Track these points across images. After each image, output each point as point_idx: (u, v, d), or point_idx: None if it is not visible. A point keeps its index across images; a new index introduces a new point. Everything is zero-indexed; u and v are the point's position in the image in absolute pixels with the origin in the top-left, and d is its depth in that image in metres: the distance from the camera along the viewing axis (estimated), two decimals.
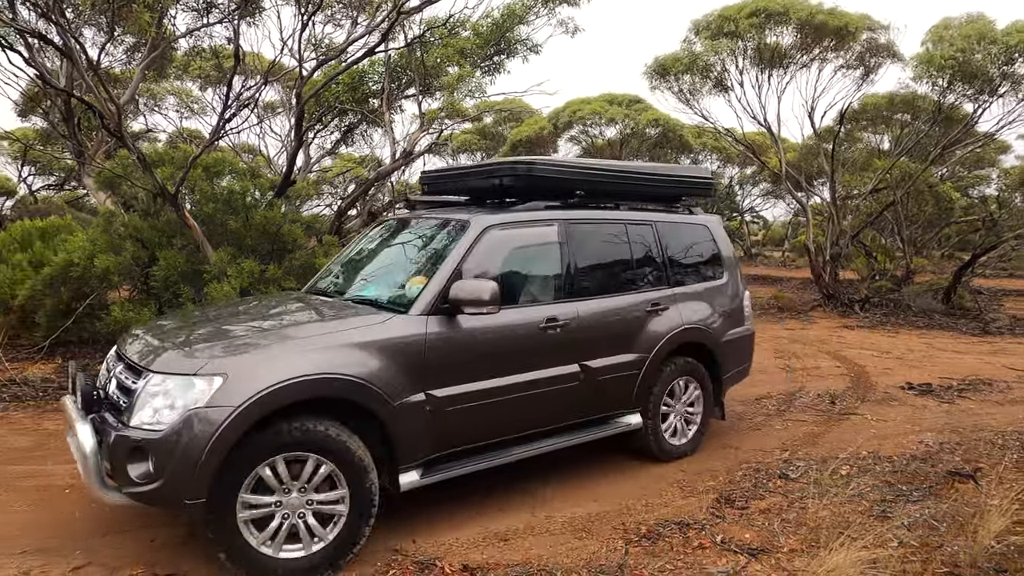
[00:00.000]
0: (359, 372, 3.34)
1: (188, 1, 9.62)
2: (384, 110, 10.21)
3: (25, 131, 19.73)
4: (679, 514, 3.95)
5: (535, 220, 4.42)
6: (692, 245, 5.27)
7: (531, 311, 4.14)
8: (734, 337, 5.32)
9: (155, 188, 7.11)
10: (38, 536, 3.59)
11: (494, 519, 3.89)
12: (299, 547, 3.19)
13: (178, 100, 19.01)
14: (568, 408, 4.33)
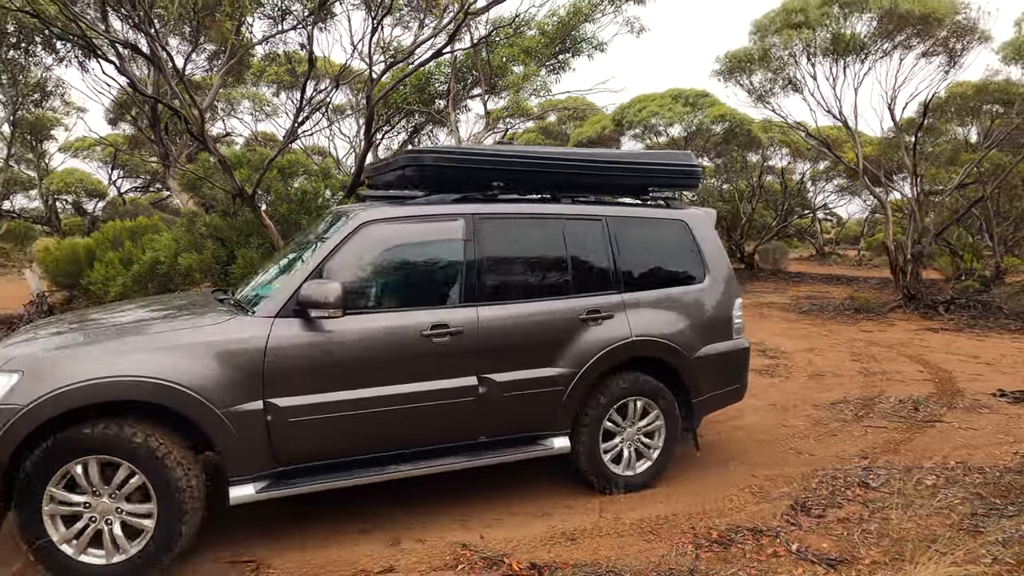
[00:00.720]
0: (173, 376, 3.13)
1: (264, 9, 10.01)
2: (450, 110, 10.33)
3: (115, 137, 20.99)
4: (752, 520, 3.84)
5: (432, 215, 3.96)
6: (660, 244, 4.56)
7: (411, 316, 3.71)
8: (714, 353, 4.49)
9: (234, 189, 7.41)
10: None
11: (561, 518, 3.88)
12: (101, 554, 3.06)
13: (253, 104, 19.82)
14: (465, 426, 3.85)
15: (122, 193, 26.28)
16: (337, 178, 9.29)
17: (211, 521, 3.74)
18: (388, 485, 4.11)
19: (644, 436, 4.33)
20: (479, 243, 3.94)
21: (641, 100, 17.06)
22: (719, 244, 4.75)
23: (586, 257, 4.27)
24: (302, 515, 3.85)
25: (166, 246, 7.96)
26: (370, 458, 3.66)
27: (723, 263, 4.71)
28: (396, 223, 3.89)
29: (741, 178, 20.45)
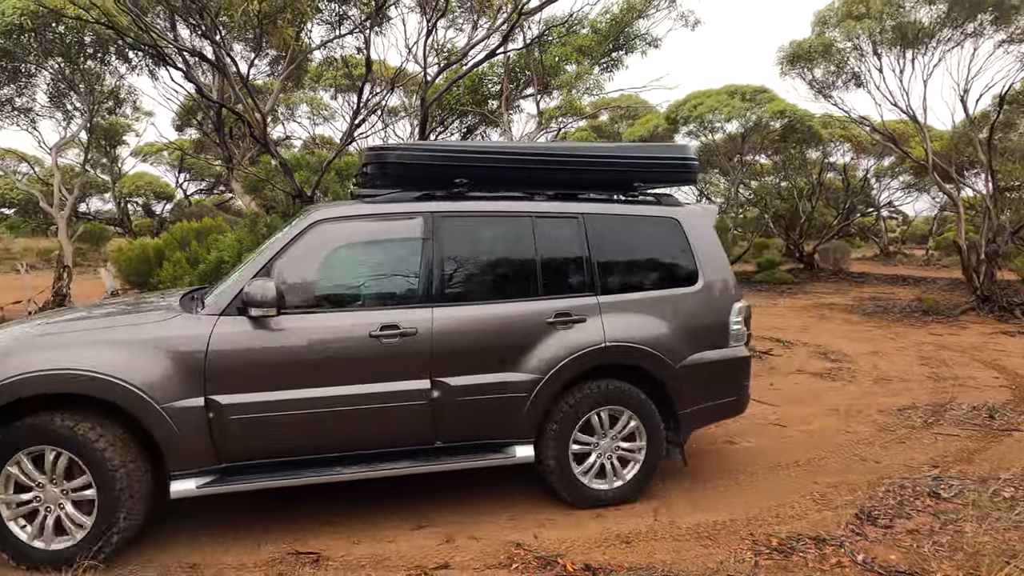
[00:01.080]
0: (109, 370, 3.20)
1: (323, 15, 10.27)
2: (502, 110, 10.38)
3: (182, 141, 21.88)
4: (814, 528, 3.72)
5: (389, 214, 3.87)
6: (647, 243, 4.25)
7: (361, 316, 3.65)
8: (704, 361, 4.14)
9: (294, 191, 7.64)
10: None
11: (615, 520, 3.84)
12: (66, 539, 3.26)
13: (311, 108, 20.37)
14: (419, 430, 3.72)
15: (188, 195, 27.40)
16: None
17: (275, 512, 3.86)
18: (438, 482, 4.17)
19: (623, 449, 4.04)
20: (438, 242, 3.83)
21: (696, 97, 16.76)
22: (716, 244, 4.37)
23: (558, 257, 4.03)
24: (358, 509, 3.93)
25: (230, 246, 8.26)
26: (319, 458, 3.62)
27: (720, 264, 4.32)
28: (350, 221, 3.84)
29: (800, 175, 19.86)
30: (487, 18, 9.32)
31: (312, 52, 11.28)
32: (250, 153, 11.82)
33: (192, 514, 3.81)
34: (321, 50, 11.57)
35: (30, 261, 21.45)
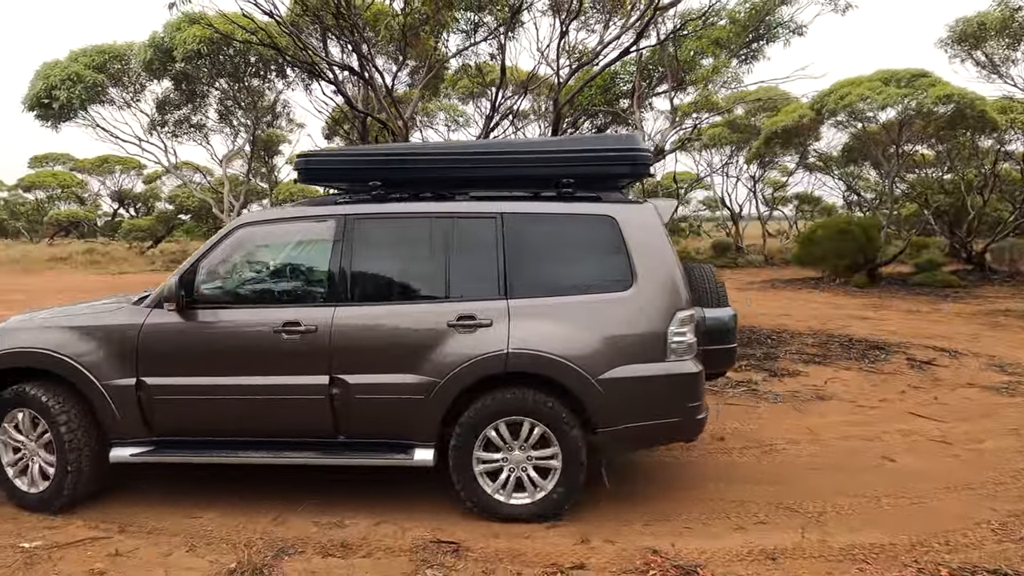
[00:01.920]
0: (65, 351, 3.88)
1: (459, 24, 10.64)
2: (634, 109, 10.22)
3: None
4: (992, 560, 3.33)
5: (305, 216, 4.14)
6: (572, 243, 3.91)
7: (267, 313, 3.91)
8: (633, 376, 3.71)
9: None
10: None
11: (757, 533, 3.66)
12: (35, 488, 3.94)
13: (447, 115, 21.18)
14: (317, 423, 3.86)
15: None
16: None
17: (419, 497, 4.05)
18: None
19: (536, 462, 3.79)
20: (347, 244, 3.91)
21: (844, 85, 15.57)
22: (661, 245, 3.88)
23: (469, 258, 3.89)
24: None
25: None
26: (235, 440, 3.96)
27: (661, 268, 3.83)
28: (268, 225, 4.21)
29: (969, 166, 17.85)
30: (620, 16, 9.23)
31: (448, 61, 11.71)
32: None
33: (345, 494, 4.09)
34: (457, 58, 11.99)
35: None
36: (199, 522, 3.84)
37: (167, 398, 3.92)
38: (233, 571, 3.23)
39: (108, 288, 17.29)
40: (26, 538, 3.60)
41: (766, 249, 25.33)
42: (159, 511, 3.99)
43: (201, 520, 3.86)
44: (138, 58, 11.10)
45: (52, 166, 37.93)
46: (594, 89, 10.14)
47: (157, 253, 28.80)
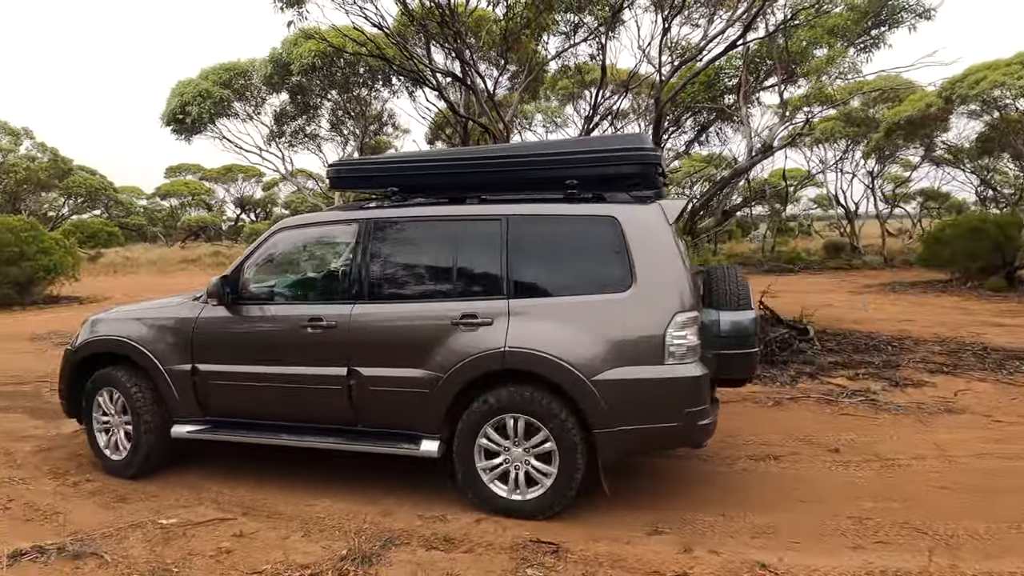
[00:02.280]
0: (137, 339, 4.53)
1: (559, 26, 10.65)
2: (740, 104, 9.83)
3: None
4: None
5: (332, 220, 4.56)
6: (574, 244, 3.92)
7: (296, 308, 4.30)
8: (629, 379, 3.66)
9: None
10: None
11: (878, 553, 3.42)
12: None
13: (545, 117, 21.26)
14: (337, 411, 4.16)
15: None
16: None
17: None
18: (671, 487, 4.08)
19: (536, 460, 3.84)
20: (367, 246, 4.20)
21: (978, 70, 14.27)
22: (665, 245, 3.79)
23: (475, 259, 4.05)
24: (595, 506, 4.00)
25: None
26: (268, 424, 4.37)
27: (661, 268, 3.77)
28: (302, 229, 4.58)
29: None
30: (726, 9, 8.91)
31: (548, 63, 11.76)
32: None
33: (447, 490, 4.20)
34: (556, 60, 12.01)
35: None
36: (313, 509, 4.06)
37: (216, 383, 4.41)
38: (344, 557, 3.39)
39: None
40: (164, 515, 3.95)
41: (886, 250, 23.62)
42: (277, 497, 4.26)
43: (315, 508, 4.09)
44: (259, 73, 11.92)
45: (184, 176, 41.48)
46: (697, 86, 9.85)
47: None
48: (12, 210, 25.59)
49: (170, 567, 3.32)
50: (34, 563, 3.35)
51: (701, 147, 14.65)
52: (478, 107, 9.87)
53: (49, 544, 3.52)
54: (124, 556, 3.43)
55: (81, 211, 32.56)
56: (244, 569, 3.32)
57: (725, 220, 10.00)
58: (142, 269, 25.69)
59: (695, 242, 8.77)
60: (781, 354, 7.50)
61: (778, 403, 6.21)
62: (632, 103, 17.83)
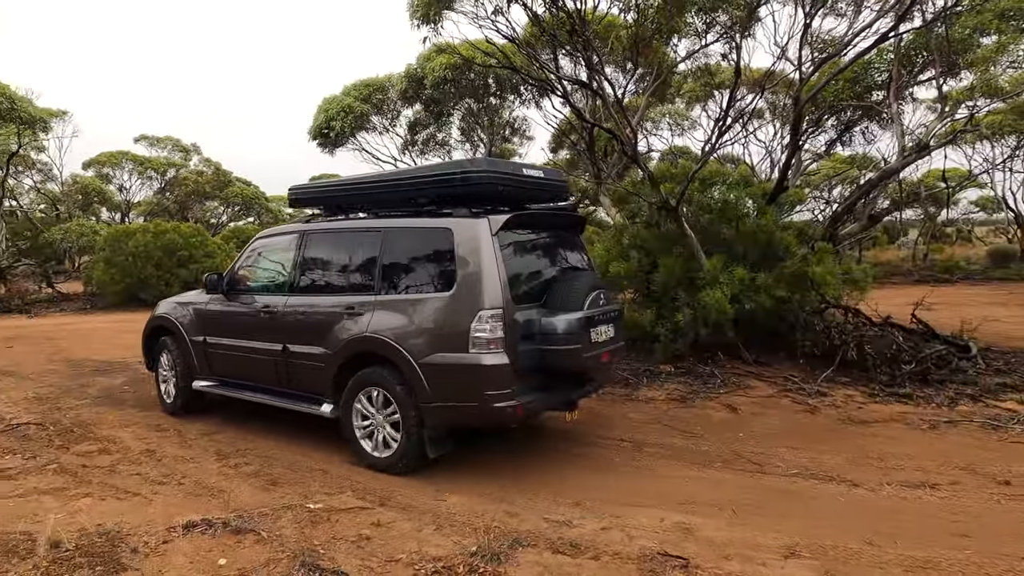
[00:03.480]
0: (174, 317, 6.43)
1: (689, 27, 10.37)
2: (890, 101, 9.08)
3: (554, 161, 24.42)
4: None
5: (285, 231, 5.99)
6: (422, 251, 4.85)
7: (258, 299, 5.76)
8: (442, 363, 4.46)
9: (659, 202, 7.87)
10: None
11: None
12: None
13: (671, 120, 20.77)
14: (276, 376, 5.52)
15: None
16: (759, 185, 9.05)
17: (643, 508, 4.02)
18: (808, 504, 3.83)
19: (390, 427, 4.77)
20: (301, 252, 5.57)
21: None
22: (480, 252, 4.50)
23: (362, 262, 5.16)
24: (727, 521, 3.86)
25: (599, 255, 8.89)
26: (250, 384, 5.81)
27: (475, 272, 4.48)
28: (272, 238, 6.08)
29: None
30: None
31: (677, 65, 11.49)
32: (617, 168, 12.59)
33: (572, 496, 4.21)
34: (686, 62, 11.71)
35: None
36: (444, 504, 4.23)
37: (215, 351, 6.05)
38: (474, 553, 3.50)
39: None
40: (311, 500, 4.26)
41: None
42: (410, 490, 4.47)
43: (446, 503, 4.25)
44: (395, 88, 12.58)
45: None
46: (841, 82, 9.21)
47: None
48: (181, 218, 28.68)
49: (317, 548, 3.58)
50: (203, 534, 3.73)
51: (844, 147, 13.67)
52: (605, 113, 9.82)
53: (216, 518, 3.91)
54: (277, 535, 3.74)
55: (237, 218, 35.84)
56: (382, 556, 3.51)
57: (871, 226, 9.28)
58: None
59: (837, 249, 8.19)
60: (938, 372, 6.83)
61: (934, 426, 5.67)
62: (767, 103, 17.02)
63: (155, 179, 30.56)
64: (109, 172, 30.11)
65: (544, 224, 5.31)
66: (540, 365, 4.66)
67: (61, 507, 4.13)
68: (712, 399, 6.59)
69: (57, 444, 5.51)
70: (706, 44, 10.18)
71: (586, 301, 4.80)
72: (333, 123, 12.69)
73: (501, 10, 7.31)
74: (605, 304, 5.05)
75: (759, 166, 20.95)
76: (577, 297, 4.80)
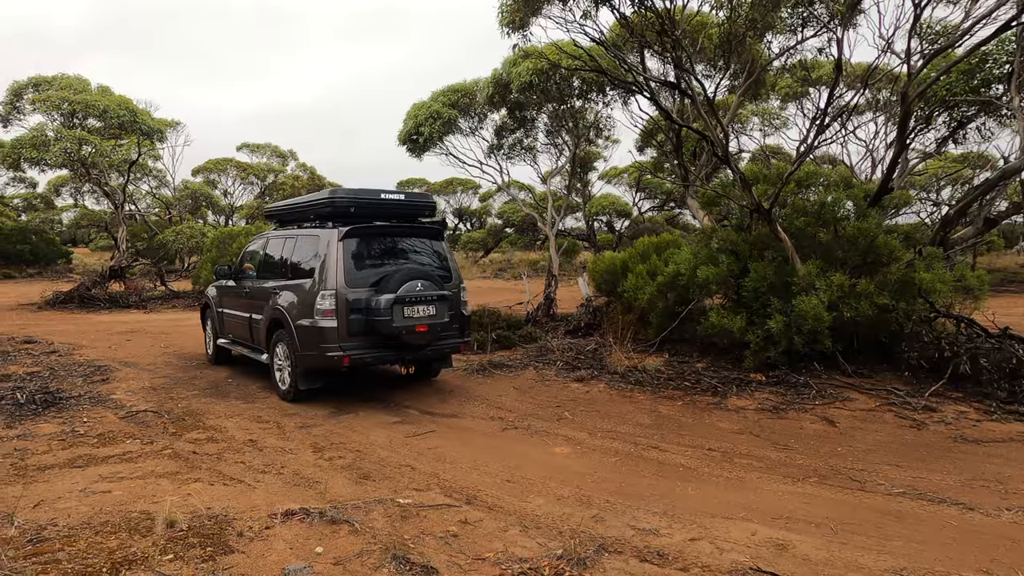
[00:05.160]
0: (211, 296, 9.33)
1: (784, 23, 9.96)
2: (1012, 95, 8.38)
3: (639, 163, 24.05)
4: None
5: (261, 236, 8.80)
6: (307, 251, 7.18)
7: (245, 283, 8.29)
8: (303, 325, 6.75)
9: (751, 204, 7.61)
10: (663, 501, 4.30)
11: None
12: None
13: (762, 119, 20.02)
14: (251, 335, 7.97)
15: (642, 212, 30.00)
16: (860, 186, 8.58)
17: (733, 520, 3.89)
18: (921, 530, 3.59)
19: (288, 369, 7.05)
20: (263, 251, 8.27)
21: None
22: (332, 253, 6.71)
23: (283, 258, 7.66)
24: (824, 540, 3.67)
25: (686, 260, 8.69)
26: (249, 344, 8.20)
27: (325, 266, 6.72)
28: (256, 241, 8.78)
29: None
30: None
31: (771, 63, 11.06)
32: (705, 170, 12.27)
33: (658, 504, 4.13)
34: (780, 59, 11.25)
35: (523, 270, 26.46)
36: (529, 506, 4.25)
37: (226, 319, 8.76)
38: (560, 557, 3.50)
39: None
40: (401, 495, 4.40)
41: None
42: (495, 490, 4.52)
43: (531, 505, 4.27)
44: (482, 93, 12.75)
45: (412, 189, 45.92)
46: (955, 76, 8.58)
47: (487, 262, 32.65)
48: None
49: (407, 542, 3.68)
50: (301, 522, 3.92)
51: (956, 146, 12.74)
52: (694, 113, 9.59)
53: (313, 508, 4.10)
54: (370, 527, 3.87)
55: None
56: (469, 554, 3.57)
57: (988, 230, 8.59)
58: None
59: (947, 255, 7.63)
60: None
61: None
62: (868, 100, 16.12)
63: (256, 184, 32.38)
64: (215, 178, 32.16)
65: (398, 233, 7.28)
66: (368, 330, 6.64)
67: (175, 490, 4.45)
68: (807, 411, 6.30)
69: (171, 431, 5.93)
70: (802, 39, 9.75)
71: (400, 287, 6.63)
72: (422, 128, 13.01)
73: (589, 13, 7.28)
74: (422, 291, 6.76)
75: (858, 166, 19.88)
76: (394, 284, 6.64)
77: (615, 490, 4.56)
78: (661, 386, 7.33)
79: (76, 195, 30.20)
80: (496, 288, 21.23)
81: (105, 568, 3.31)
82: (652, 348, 8.91)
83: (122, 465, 4.97)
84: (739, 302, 8.21)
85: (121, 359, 9.46)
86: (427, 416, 6.59)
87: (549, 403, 7.04)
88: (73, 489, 4.43)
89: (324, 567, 3.39)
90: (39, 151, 17.02)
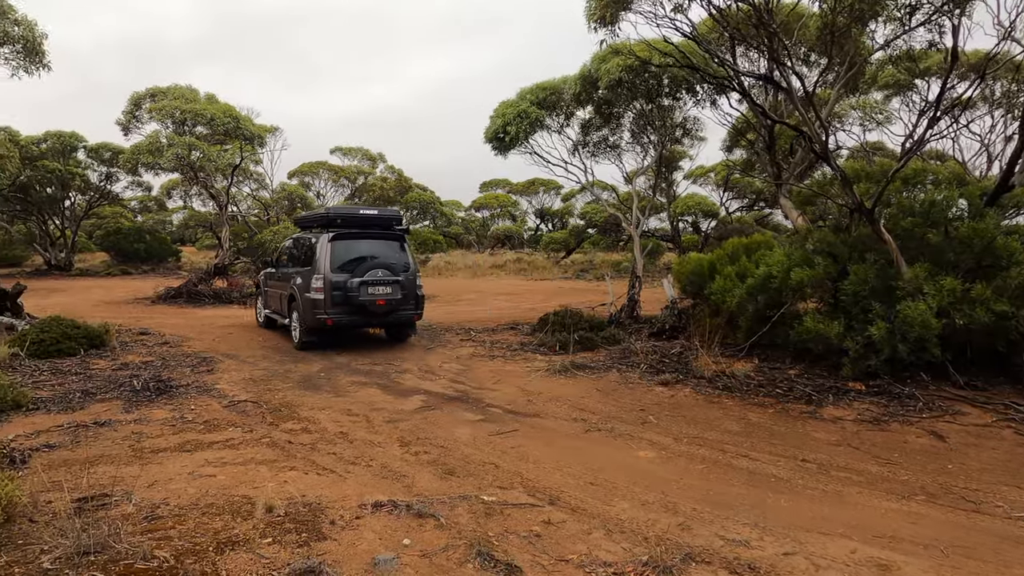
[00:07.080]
0: (259, 280, 13.42)
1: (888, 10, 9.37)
2: None
3: (726, 162, 23.29)
4: None
5: (291, 237, 12.51)
6: (310, 249, 10.57)
7: (281, 270, 11.61)
8: (306, 296, 10.00)
9: (851, 203, 7.21)
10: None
11: None
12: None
13: (863, 114, 18.91)
14: (281, 307, 11.30)
15: (730, 212, 29.05)
16: (974, 184, 7.96)
17: (830, 535, 3.69)
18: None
19: (297, 328, 10.45)
20: (290, 247, 11.80)
21: None
22: (324, 251, 10.04)
23: (299, 252, 11.08)
24: (924, 563, 3.43)
25: (778, 261, 8.33)
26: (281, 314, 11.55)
27: (319, 260, 10.04)
28: (287, 241, 12.36)
29: None
30: None
31: (874, 54, 10.45)
32: (799, 168, 11.72)
33: (747, 515, 3.98)
34: (884, 50, 10.59)
35: (606, 271, 26.17)
36: (612, 509, 4.20)
37: (268, 294, 12.15)
38: (646, 564, 3.43)
39: (528, 291, 20.21)
40: (486, 492, 4.44)
41: None
42: (578, 492, 4.49)
43: (613, 508, 4.22)
44: (569, 91, 12.71)
45: (495, 190, 46.43)
46: None
47: (568, 263, 32.54)
48: None
49: (491, 539, 3.72)
50: (389, 514, 4.03)
51: None
52: (790, 108, 9.17)
53: (400, 501, 4.21)
54: (455, 522, 3.94)
55: (415, 221, 38.36)
56: (553, 555, 3.57)
57: None
58: (459, 273, 29.28)
59: None
60: None
61: None
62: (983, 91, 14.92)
63: (347, 186, 33.66)
64: (309, 180, 33.66)
65: (372, 236, 10.56)
66: (345, 302, 9.77)
67: (273, 477, 4.68)
68: (912, 424, 5.90)
69: (269, 421, 6.25)
70: (910, 28, 9.13)
71: (366, 273, 9.87)
72: (509, 127, 13.10)
73: (681, 7, 7.11)
74: (382, 276, 9.94)
75: (971, 162, 18.45)
76: (361, 271, 9.90)
77: (702, 498, 4.43)
78: (751, 392, 7.07)
79: (185, 197, 32.38)
80: (578, 289, 21.12)
81: (211, 547, 3.53)
82: (741, 353, 8.60)
83: (225, 451, 5.28)
84: (836, 307, 7.79)
85: (224, 351, 10.07)
86: (510, 415, 6.63)
87: (633, 406, 6.93)
88: (182, 472, 4.75)
89: (411, 559, 3.47)
90: (154, 156, 18.39)
